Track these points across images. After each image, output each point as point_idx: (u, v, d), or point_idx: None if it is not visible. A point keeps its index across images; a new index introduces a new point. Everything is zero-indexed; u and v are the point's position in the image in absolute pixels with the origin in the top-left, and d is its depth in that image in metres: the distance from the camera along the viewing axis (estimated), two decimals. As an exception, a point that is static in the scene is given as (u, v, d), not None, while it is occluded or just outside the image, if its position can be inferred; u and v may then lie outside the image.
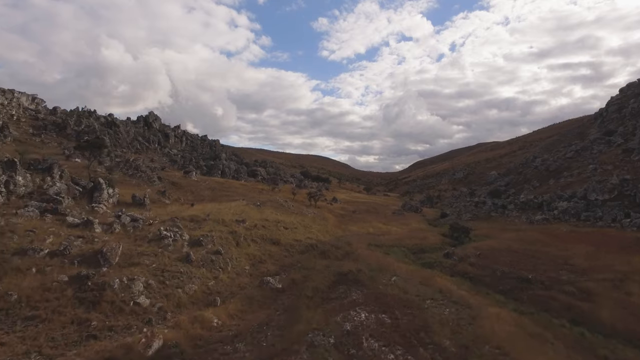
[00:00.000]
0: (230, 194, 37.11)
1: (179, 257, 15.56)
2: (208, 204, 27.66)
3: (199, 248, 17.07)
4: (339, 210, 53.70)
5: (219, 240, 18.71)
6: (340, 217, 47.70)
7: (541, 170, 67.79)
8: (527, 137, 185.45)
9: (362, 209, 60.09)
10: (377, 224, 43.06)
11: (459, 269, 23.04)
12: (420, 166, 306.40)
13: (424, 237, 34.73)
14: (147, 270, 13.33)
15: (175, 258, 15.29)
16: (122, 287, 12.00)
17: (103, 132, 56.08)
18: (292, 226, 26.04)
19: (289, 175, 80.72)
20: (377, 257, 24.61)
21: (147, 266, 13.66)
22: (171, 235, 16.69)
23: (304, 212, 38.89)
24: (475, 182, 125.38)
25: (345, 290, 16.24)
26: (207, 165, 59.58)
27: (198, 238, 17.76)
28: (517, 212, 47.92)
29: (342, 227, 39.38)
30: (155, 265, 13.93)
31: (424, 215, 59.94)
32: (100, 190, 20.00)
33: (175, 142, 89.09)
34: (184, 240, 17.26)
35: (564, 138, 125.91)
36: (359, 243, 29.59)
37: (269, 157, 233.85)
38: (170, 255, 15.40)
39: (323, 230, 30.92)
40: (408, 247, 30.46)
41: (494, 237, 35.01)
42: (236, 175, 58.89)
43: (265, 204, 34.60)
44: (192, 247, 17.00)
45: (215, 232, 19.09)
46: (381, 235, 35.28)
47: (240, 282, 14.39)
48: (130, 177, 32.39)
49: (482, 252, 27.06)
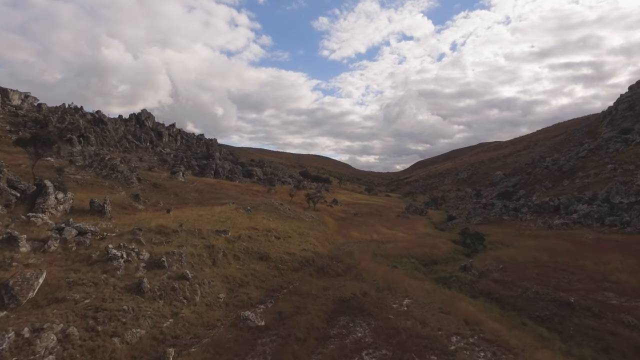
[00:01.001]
0: (219, 197, 33.71)
1: (128, 285, 11.58)
2: (190, 209, 24.20)
3: (159, 271, 13.13)
4: (339, 213, 50.28)
5: (190, 258, 14.82)
6: (341, 221, 44.29)
7: (553, 171, 64.29)
8: (531, 137, 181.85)
9: (364, 211, 56.67)
10: (381, 229, 39.64)
11: (481, 287, 19.60)
12: (421, 166, 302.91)
13: (433, 244, 31.27)
14: (74, 310, 9.46)
15: (123, 287, 11.33)
16: (19, 345, 7.93)
17: (89, 130, 52.69)
18: (286, 235, 22.59)
19: (287, 176, 77.27)
20: (384, 272, 21.20)
21: (75, 303, 9.75)
22: (124, 254, 12.85)
23: (301, 216, 35.46)
24: (480, 182, 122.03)
25: (347, 323, 12.81)
26: (200, 165, 56.18)
27: (160, 257, 13.86)
28: (532, 215, 44.46)
29: (343, 232, 35.95)
30: (90, 300, 9.95)
31: (430, 218, 56.52)
32: (45, 196, 16.41)
33: (169, 140, 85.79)
34: (141, 261, 13.27)
35: (571, 137, 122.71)
36: (362, 253, 26.17)
37: (268, 157, 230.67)
38: (116, 283, 11.46)
39: (322, 238, 27.49)
40: (417, 258, 27.04)
41: (512, 244, 31.54)
42: (230, 175, 55.47)
43: (258, 208, 31.17)
44: (150, 270, 13.01)
45: (187, 247, 15.47)
46: (386, 242, 31.85)
47: (210, 319, 10.95)
48: (104, 178, 28.97)
49: (505, 264, 23.61)
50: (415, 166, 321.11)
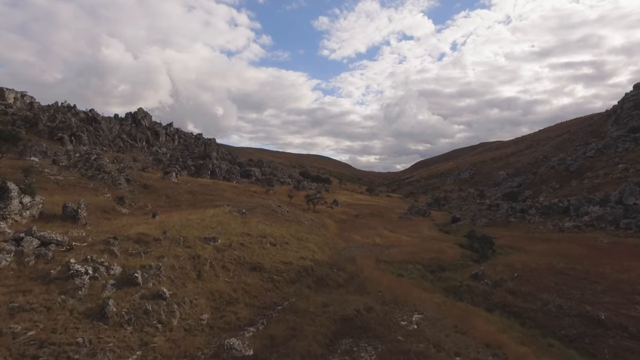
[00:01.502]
0: (214, 199, 32.00)
1: (90, 309, 9.55)
2: (179, 212, 22.44)
3: (131, 289, 11.06)
4: (340, 215, 48.56)
5: (171, 271, 12.83)
6: (341, 223, 42.56)
7: (560, 171, 62.50)
8: (533, 136, 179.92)
9: (366, 212, 54.94)
10: (384, 232, 37.89)
11: (496, 298, 17.87)
12: (422, 166, 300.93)
13: (440, 249, 29.54)
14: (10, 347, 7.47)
15: (83, 312, 9.35)
16: None
17: (81, 129, 51.00)
18: (283, 241, 20.83)
19: (287, 176, 75.55)
20: (389, 281, 19.50)
21: (14, 338, 7.74)
22: (89, 269, 10.87)
23: (300, 219, 33.73)
24: (482, 182, 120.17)
25: (350, 347, 11.11)
26: (196, 165, 54.46)
27: (133, 272, 11.78)
28: (540, 217, 42.71)
29: (345, 235, 34.22)
30: (35, 332, 7.97)
31: (433, 220, 54.76)
32: (7, 200, 14.60)
33: (166, 140, 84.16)
34: (110, 277, 11.28)
35: (575, 137, 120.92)
36: (365, 259, 24.45)
37: (268, 156, 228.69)
38: (75, 307, 9.49)
39: (322, 242, 25.74)
40: (424, 264, 25.30)
41: (522, 249, 29.82)
42: (227, 176, 53.74)
43: (254, 211, 29.44)
44: (120, 288, 10.99)
45: (169, 258, 13.61)
46: (390, 246, 30.11)
47: (188, 348, 9.14)
48: (89, 179, 27.26)
49: (519, 272, 21.88)
50: (416, 166, 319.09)
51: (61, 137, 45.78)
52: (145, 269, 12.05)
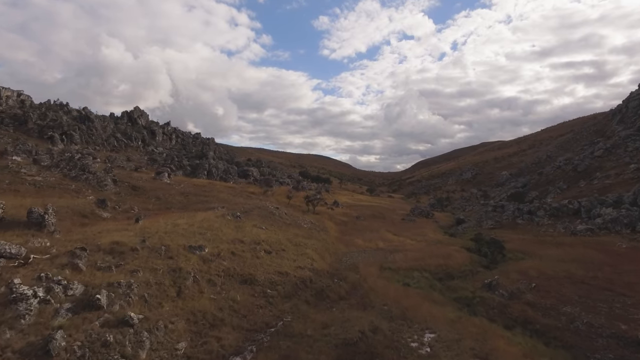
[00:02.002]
0: (208, 200, 30.30)
1: (32, 344, 7.64)
2: (167, 216, 20.71)
3: (91, 315, 9.08)
4: (340, 217, 46.87)
5: (144, 289, 10.79)
6: (342, 226, 40.88)
7: (567, 171, 60.75)
8: (535, 136, 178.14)
9: (367, 213, 53.24)
10: (387, 235, 36.18)
11: (515, 312, 16.14)
12: (423, 166, 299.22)
13: (447, 254, 27.81)
14: None
15: (20, 350, 7.46)
16: None
17: (73, 127, 49.31)
18: (279, 247, 19.13)
19: (286, 176, 73.83)
20: (396, 292, 17.80)
21: None
22: (39, 291, 8.88)
23: (298, 221, 32.03)
24: (485, 182, 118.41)
25: (355, 380, 9.40)
26: (192, 165, 52.75)
27: (97, 292, 9.69)
28: (549, 219, 40.96)
29: (346, 239, 32.53)
30: None
31: (437, 222, 53.05)
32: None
33: (163, 139, 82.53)
34: (67, 299, 9.30)
35: (579, 136, 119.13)
36: (368, 266, 22.76)
37: (269, 156, 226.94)
38: (13, 341, 7.61)
39: (322, 248, 24.03)
40: (431, 271, 23.59)
41: (535, 254, 28.10)
42: (224, 176, 52.02)
43: (250, 214, 27.73)
44: (78, 313, 9.03)
45: (144, 272, 11.80)
46: (394, 251, 28.40)
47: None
48: (72, 180, 25.59)
49: (535, 281, 20.16)
50: (417, 166, 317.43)
51: (51, 136, 44.13)
52: (113, 287, 10.21)
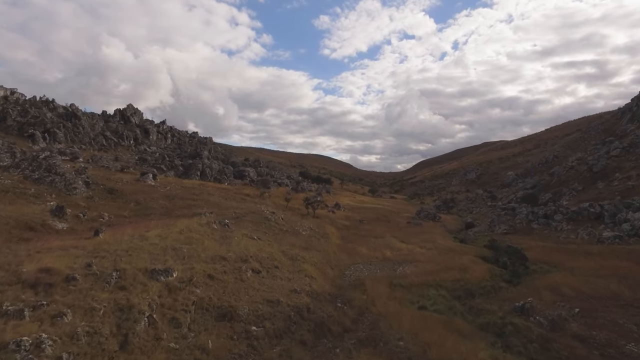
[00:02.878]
0: (196, 204, 27.30)
1: None
2: (139, 226, 17.50)
3: None
4: (342, 220, 43.85)
5: (66, 346, 7.15)
6: (345, 231, 37.83)
7: (581, 171, 57.57)
8: (540, 135, 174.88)
9: (371, 217, 50.21)
10: (394, 242, 33.11)
11: (562, 350, 13.06)
12: (425, 166, 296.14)
13: (463, 265, 24.74)
14: None
15: None
16: None
17: (57, 125, 46.34)
18: (271, 264, 15.99)
19: (285, 176, 70.79)
20: (412, 320, 14.75)
21: None
22: None
23: (296, 227, 28.98)
24: (490, 183, 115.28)
25: None
26: (185, 165, 49.74)
27: None
28: (568, 224, 37.87)
29: (349, 247, 29.50)
30: None
31: (445, 225, 49.91)
32: None
33: (158, 138, 79.61)
34: None
35: (587, 135, 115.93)
36: (376, 283, 19.70)
37: (269, 156, 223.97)
38: None
39: (322, 260, 20.98)
40: (448, 288, 20.52)
41: (562, 265, 25.04)
42: (219, 176, 49.00)
43: (242, 220, 24.69)
44: None
45: (75, 315, 7.86)
46: (403, 262, 25.36)
47: None
48: (34, 183, 22.59)
49: (575, 303, 17.07)
50: (419, 166, 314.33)
51: (32, 134, 41.19)
52: (8, 349, 6.94)
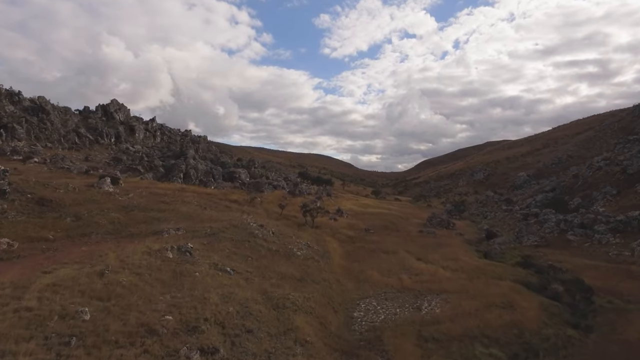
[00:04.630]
0: (161, 218, 21.44)
1: None
2: (24, 266, 11.66)
3: None
4: (346, 230, 37.96)
5: None
6: (349, 245, 31.94)
7: (612, 173, 51.57)
8: (549, 134, 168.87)
9: (377, 224, 44.29)
10: (409, 259, 27.21)
11: None
12: (427, 166, 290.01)
13: (505, 297, 18.79)
14: None
15: None
16: None
17: (18, 120, 40.52)
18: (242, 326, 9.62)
19: (282, 178, 64.80)
20: None
21: None
22: None
23: (290, 246, 23.08)
24: (499, 184, 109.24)
25: None
26: (167, 165, 43.87)
27: None
28: (616, 236, 31.91)
29: (355, 270, 23.64)
30: None
31: (462, 234, 43.96)
32: None
33: (146, 136, 73.82)
34: None
35: (602, 134, 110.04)
36: (399, 338, 13.78)
37: (269, 156, 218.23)
38: None
39: (323, 301, 15.06)
40: (499, 341, 14.64)
41: (636, 298, 19.14)
42: (205, 179, 43.10)
43: (218, 238, 18.77)
44: None
45: None
46: (428, 293, 19.44)
47: None
48: None
49: None
50: (421, 166, 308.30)
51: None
52: None
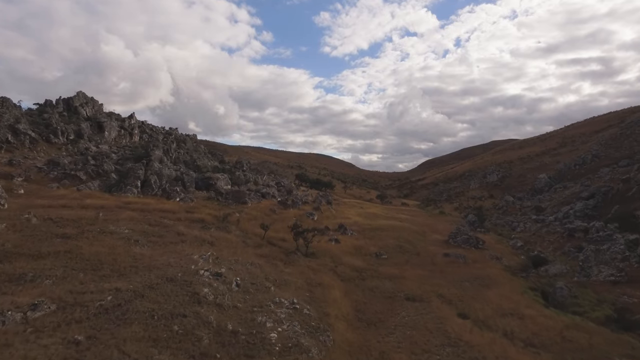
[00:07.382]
0: (37, 269, 12.08)
1: None
2: None
3: None
4: (351, 258, 28.40)
5: None
6: (356, 286, 22.42)
7: (677, 178, 42.18)
8: (563, 132, 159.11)
9: (391, 245, 34.79)
10: (449, 318, 17.76)
11: None
12: (431, 165, 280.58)
13: None
14: None
15: None
16: None
17: None
18: None
19: (274, 183, 55.19)
20: None
21: None
22: None
23: (260, 318, 13.67)
24: (516, 187, 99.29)
25: None
26: (122, 171, 34.41)
27: None
28: None
29: (373, 347, 14.22)
30: None
31: (498, 258, 34.50)
32: None
33: (120, 135, 64.49)
34: None
35: (630, 132, 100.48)
36: None
37: (268, 156, 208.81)
38: None
39: None
40: None
41: None
42: (170, 188, 33.58)
43: (122, 315, 9.45)
44: None
45: None
46: None
47: None
48: None
49: None
50: (425, 165, 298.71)
51: None
52: None
